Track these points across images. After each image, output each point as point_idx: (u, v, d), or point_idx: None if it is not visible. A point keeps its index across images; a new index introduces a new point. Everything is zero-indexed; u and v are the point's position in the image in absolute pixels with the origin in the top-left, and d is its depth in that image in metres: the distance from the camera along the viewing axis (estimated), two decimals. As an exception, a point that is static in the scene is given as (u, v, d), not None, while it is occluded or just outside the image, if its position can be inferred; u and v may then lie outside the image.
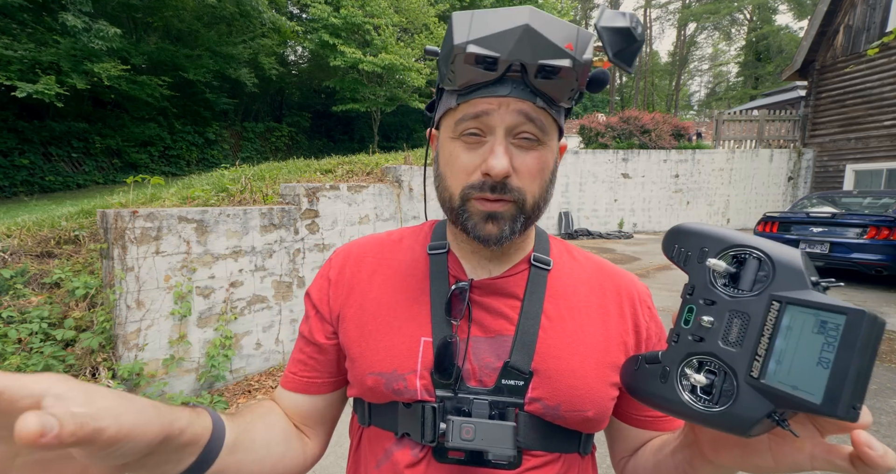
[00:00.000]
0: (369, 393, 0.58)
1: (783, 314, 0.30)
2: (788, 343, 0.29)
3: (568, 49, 0.48)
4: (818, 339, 0.28)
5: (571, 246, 0.69)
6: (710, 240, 0.35)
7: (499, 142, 0.51)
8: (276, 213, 3.45)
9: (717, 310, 0.34)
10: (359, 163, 5.00)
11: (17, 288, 2.63)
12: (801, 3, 29.64)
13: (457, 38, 0.49)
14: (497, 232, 0.54)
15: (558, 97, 0.52)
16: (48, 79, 7.92)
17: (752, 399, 0.31)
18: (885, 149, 10.21)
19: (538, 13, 0.48)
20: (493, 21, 0.48)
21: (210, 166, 11.96)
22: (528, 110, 0.51)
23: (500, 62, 0.49)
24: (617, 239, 10.62)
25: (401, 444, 0.56)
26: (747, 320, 0.32)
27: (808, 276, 0.29)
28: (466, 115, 0.52)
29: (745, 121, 12.21)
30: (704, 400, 0.33)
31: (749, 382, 0.31)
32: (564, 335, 0.57)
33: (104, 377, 2.60)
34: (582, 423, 0.56)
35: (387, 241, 0.67)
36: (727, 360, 0.32)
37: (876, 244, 5.59)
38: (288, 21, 13.14)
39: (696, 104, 41.80)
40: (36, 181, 10.20)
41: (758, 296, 0.31)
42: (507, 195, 0.53)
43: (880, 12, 10.22)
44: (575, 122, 16.17)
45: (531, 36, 0.47)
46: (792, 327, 0.29)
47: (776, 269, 0.31)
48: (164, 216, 2.86)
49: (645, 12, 36.56)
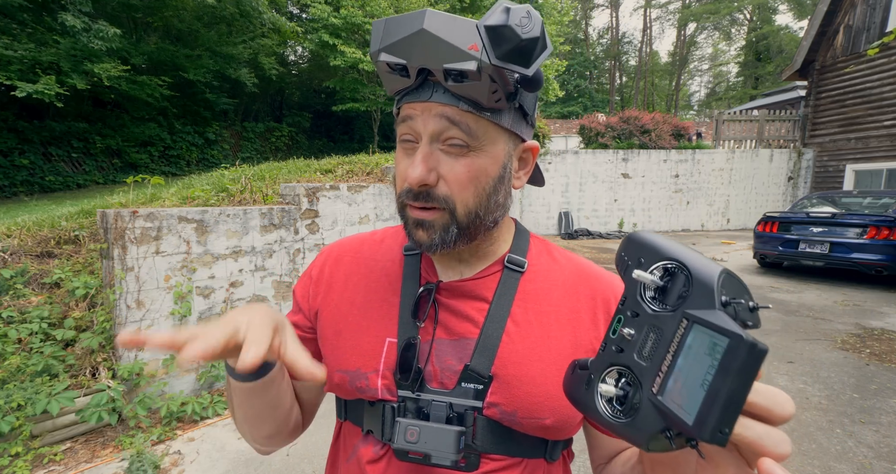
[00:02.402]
0: (337, 390, 0.60)
1: (688, 333, 0.29)
2: (687, 362, 0.29)
3: (472, 50, 0.45)
4: (707, 361, 0.27)
5: (553, 246, 0.67)
6: (648, 251, 0.34)
7: (420, 150, 0.51)
8: (276, 213, 3.45)
9: (639, 323, 0.34)
10: (359, 163, 4.99)
11: (17, 288, 2.63)
12: (801, 3, 29.63)
13: (372, 45, 0.49)
14: (427, 239, 0.53)
15: (482, 100, 0.49)
16: (48, 79, 7.91)
17: (650, 415, 0.31)
18: (885, 149, 10.21)
19: (436, 16, 0.45)
20: (399, 27, 0.47)
21: (210, 166, 11.95)
22: (451, 114, 0.49)
23: (410, 68, 0.48)
24: (617, 239, 10.62)
25: (366, 441, 0.58)
26: (661, 335, 0.32)
27: (720, 296, 0.29)
28: (399, 120, 0.53)
29: (745, 121, 12.20)
30: (616, 411, 0.34)
31: (650, 398, 0.31)
32: (529, 340, 0.56)
33: (104, 377, 2.60)
34: (540, 430, 0.54)
35: (368, 241, 0.68)
36: (638, 374, 0.33)
37: (876, 244, 5.59)
38: (288, 21, 13.14)
39: (696, 104, 41.78)
40: (36, 181, 10.19)
41: (674, 312, 0.31)
42: (430, 203, 0.52)
43: (880, 12, 10.21)
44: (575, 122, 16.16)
45: (429, 40, 0.45)
46: (692, 346, 0.29)
47: (693, 286, 0.30)
48: (164, 216, 2.86)
49: (645, 12, 36.55)
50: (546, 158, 10.86)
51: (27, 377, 2.39)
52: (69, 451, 2.44)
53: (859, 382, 3.18)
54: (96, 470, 2.29)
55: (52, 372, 2.48)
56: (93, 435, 2.57)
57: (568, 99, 29.43)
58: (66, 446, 2.47)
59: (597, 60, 36.39)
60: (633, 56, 38.29)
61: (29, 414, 2.23)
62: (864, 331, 4.21)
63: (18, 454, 2.26)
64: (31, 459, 2.28)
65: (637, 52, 37.72)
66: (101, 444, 2.51)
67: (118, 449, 2.46)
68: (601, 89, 35.27)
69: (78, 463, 2.35)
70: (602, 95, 33.49)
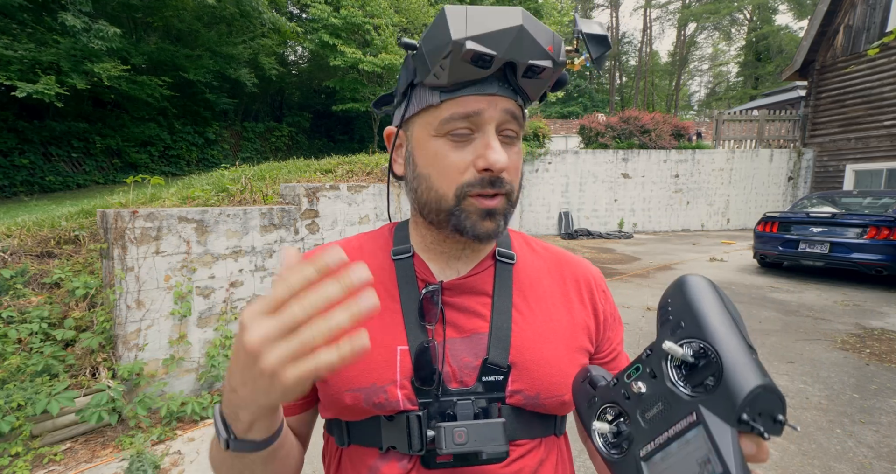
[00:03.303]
0: (348, 412, 0.56)
1: (692, 430, 0.30)
2: (679, 451, 0.30)
3: (549, 51, 0.51)
4: (696, 468, 0.29)
5: (528, 237, 0.71)
6: (691, 318, 0.32)
7: (493, 138, 0.52)
8: (276, 213, 3.45)
9: (654, 385, 0.34)
10: (359, 163, 5.00)
11: (17, 288, 2.63)
12: (801, 3, 29.62)
13: (454, 33, 0.48)
14: (494, 227, 0.55)
15: (534, 95, 0.55)
16: (48, 79, 7.91)
17: (632, 467, 0.33)
18: (885, 149, 10.21)
19: (528, 15, 0.50)
20: (489, 19, 0.48)
21: (210, 166, 11.95)
22: (513, 108, 0.53)
23: (496, 60, 0.49)
24: (617, 239, 10.62)
25: (386, 458, 0.55)
26: (668, 411, 0.32)
27: (741, 412, 0.28)
28: (456, 113, 0.52)
29: (745, 121, 12.21)
30: (607, 442, 0.36)
31: (636, 455, 0.33)
32: (536, 326, 0.59)
33: (104, 377, 2.60)
34: (559, 407, 0.58)
35: (346, 249, 0.65)
36: (633, 429, 0.34)
37: (876, 244, 5.59)
38: (288, 21, 13.14)
39: (696, 104, 41.78)
40: (36, 181, 10.19)
41: (690, 399, 0.31)
42: (501, 188, 0.54)
43: (880, 12, 10.21)
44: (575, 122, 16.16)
45: (524, 36, 0.49)
46: (689, 443, 0.30)
47: (718, 390, 0.29)
48: (164, 216, 2.86)
49: (645, 12, 36.54)
50: (546, 158, 10.86)
51: (27, 377, 2.39)
52: (69, 451, 2.44)
53: (859, 382, 3.18)
54: (96, 470, 2.29)
55: (52, 372, 2.48)
56: (93, 435, 2.58)
57: (568, 99, 29.43)
58: (66, 446, 2.47)
59: (597, 60, 36.27)
60: (633, 56, 38.30)
61: (29, 414, 2.23)
62: (864, 331, 4.21)
63: (18, 454, 2.27)
64: (31, 459, 2.28)
65: (637, 52, 37.74)
66: (101, 444, 2.51)
67: (118, 449, 2.46)
68: (601, 89, 35.27)
69: (78, 463, 2.35)
70: (602, 95, 33.48)
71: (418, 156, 0.56)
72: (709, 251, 8.84)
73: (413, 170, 0.57)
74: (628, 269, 6.99)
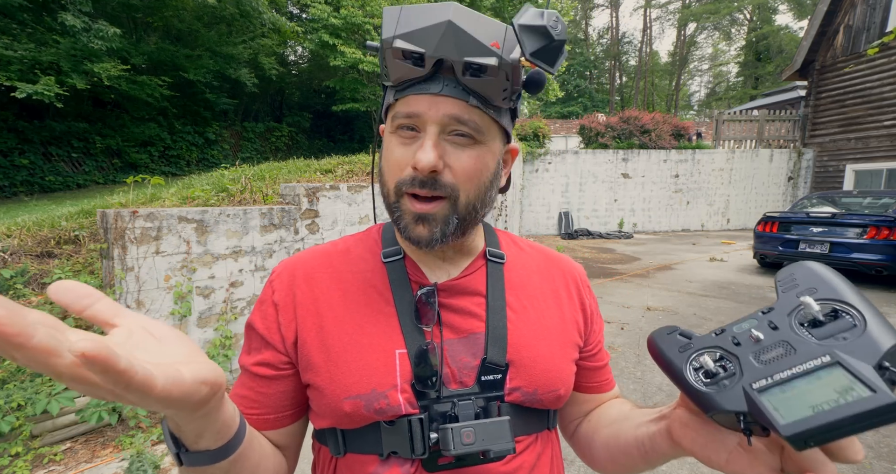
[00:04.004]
0: (346, 420, 0.54)
1: (826, 368, 0.32)
2: (808, 385, 0.32)
3: (494, 47, 0.47)
4: (833, 395, 0.30)
5: (515, 236, 0.71)
6: (827, 286, 0.36)
7: (429, 137, 0.50)
8: (276, 213, 3.46)
9: (774, 334, 0.36)
10: (359, 163, 4.99)
11: (17, 288, 2.63)
12: (801, 3, 29.63)
13: (385, 32, 0.48)
14: (427, 234, 0.53)
15: (492, 96, 0.50)
16: (48, 79, 7.91)
17: (737, 398, 0.34)
18: (885, 149, 10.21)
19: (463, 10, 0.47)
20: (419, 16, 0.47)
21: (210, 166, 11.95)
22: (461, 108, 0.50)
23: (427, 58, 0.48)
24: (617, 239, 10.62)
25: (387, 464, 0.54)
26: (791, 354, 0.34)
27: (882, 359, 0.31)
28: (399, 111, 0.52)
29: (745, 121, 12.21)
30: (699, 379, 0.37)
31: (744, 386, 0.34)
32: (530, 323, 0.60)
33: (104, 377, 2.60)
34: (555, 401, 0.59)
35: (333, 253, 0.63)
36: (744, 366, 0.36)
37: (876, 244, 5.59)
38: (288, 21, 13.14)
39: (696, 104, 41.78)
40: (36, 181, 10.19)
41: (821, 345, 0.33)
42: (437, 191, 0.51)
43: (880, 12, 10.21)
44: (575, 122, 16.16)
45: (455, 32, 0.46)
46: (822, 379, 0.32)
47: (860, 339, 0.32)
48: (164, 216, 2.86)
49: (645, 12, 36.55)
50: (546, 158, 10.86)
51: (27, 377, 2.39)
52: (69, 451, 2.44)
53: (859, 382, 3.18)
54: (96, 470, 2.29)
55: (52, 372, 2.48)
56: (93, 435, 2.58)
57: (568, 99, 29.43)
58: (66, 446, 2.47)
59: (597, 60, 36.38)
60: (633, 56, 38.29)
61: (29, 414, 2.23)
62: (864, 331, 4.21)
63: (18, 454, 2.27)
64: (31, 459, 2.28)
65: (637, 52, 37.74)
66: (101, 444, 2.51)
67: (118, 449, 2.46)
68: (601, 89, 35.28)
69: (78, 463, 2.35)
70: (602, 95, 33.49)
71: (383, 151, 0.58)
72: (709, 251, 8.84)
73: (380, 163, 0.59)
74: (628, 269, 6.99)
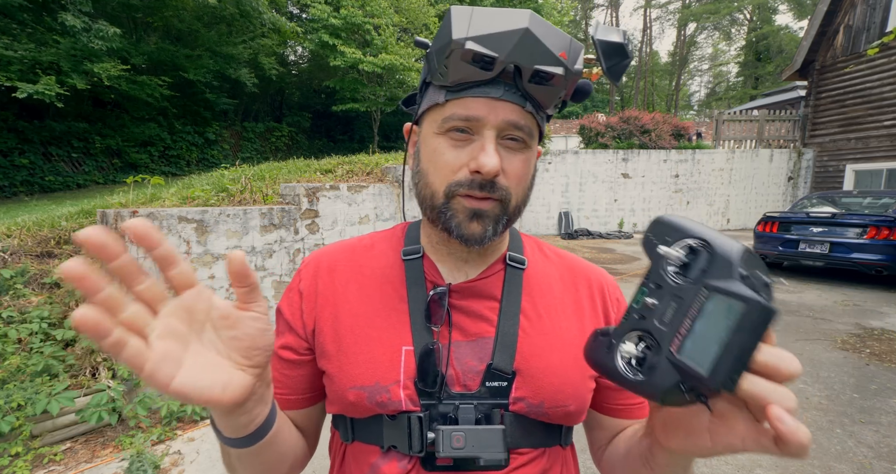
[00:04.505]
0: (351, 409, 0.56)
1: (708, 301, 0.33)
2: (705, 325, 0.33)
3: (562, 57, 0.48)
4: (724, 322, 0.31)
5: (542, 242, 0.70)
6: (674, 230, 0.38)
7: (489, 141, 0.51)
8: (276, 213, 3.46)
9: (661, 294, 0.37)
10: (359, 163, 4.99)
11: (17, 288, 2.63)
12: (801, 3, 29.62)
13: (455, 32, 0.48)
14: (481, 231, 0.53)
15: (546, 103, 0.52)
16: (48, 79, 7.92)
17: (667, 371, 0.35)
18: (885, 149, 10.21)
19: (538, 19, 0.48)
20: (494, 20, 0.48)
21: (210, 166, 11.95)
22: (518, 115, 0.51)
23: (498, 62, 0.48)
24: (617, 239, 10.62)
25: (387, 458, 0.55)
26: (681, 304, 0.35)
27: (738, 269, 0.32)
28: (456, 113, 0.51)
29: (745, 121, 12.20)
30: (635, 370, 0.37)
31: (668, 357, 0.35)
32: (543, 332, 0.58)
33: (104, 377, 2.60)
34: (564, 417, 0.57)
35: (358, 248, 0.65)
36: (658, 337, 0.36)
37: (876, 244, 5.59)
38: (288, 21, 13.14)
39: (696, 104, 41.78)
40: (36, 181, 10.19)
41: (694, 284, 0.35)
42: (494, 194, 0.52)
43: (880, 12, 10.21)
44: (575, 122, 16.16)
45: (530, 40, 0.47)
46: (711, 312, 0.33)
47: (715, 261, 0.34)
48: (164, 216, 2.86)
49: (645, 12, 36.55)
50: (546, 158, 10.86)
51: (27, 377, 2.39)
52: (69, 451, 2.44)
53: (859, 382, 3.18)
54: (96, 470, 2.29)
55: (52, 373, 2.48)
56: (93, 435, 2.58)
57: (568, 99, 29.38)
58: (66, 446, 2.47)
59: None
60: (633, 56, 38.24)
61: (29, 414, 2.23)
62: (864, 331, 4.21)
63: (18, 454, 2.27)
64: (31, 459, 2.28)
65: (637, 52, 37.72)
66: (101, 444, 2.51)
67: (118, 449, 2.46)
68: (601, 89, 35.26)
69: (78, 463, 2.35)
70: (602, 95, 33.48)
71: (423, 151, 0.57)
72: (709, 251, 8.83)
73: (417, 165, 0.58)
74: (628, 269, 6.99)
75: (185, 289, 0.37)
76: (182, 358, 0.35)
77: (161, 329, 0.34)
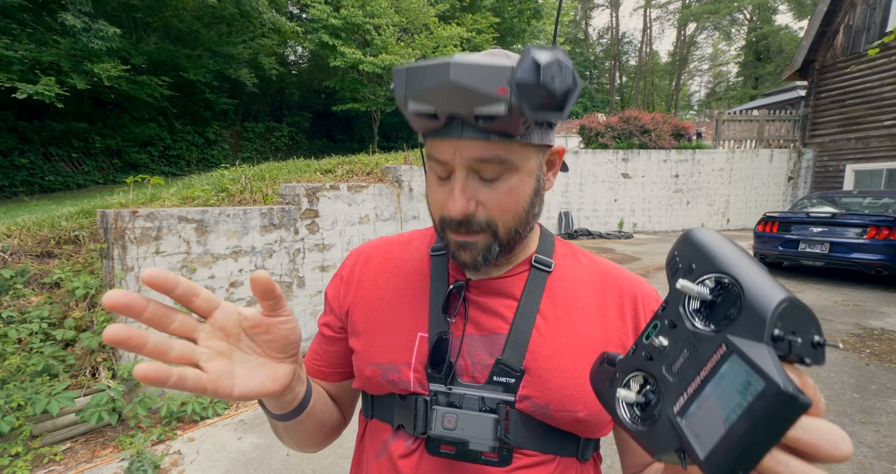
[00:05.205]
0: (368, 384, 0.61)
1: (724, 361, 0.27)
2: (716, 391, 0.27)
3: (501, 94, 0.45)
4: (737, 398, 0.25)
5: (578, 249, 0.69)
6: (702, 257, 0.31)
7: (456, 182, 0.52)
8: (276, 213, 3.45)
9: (675, 335, 0.31)
10: (359, 163, 4.99)
11: (17, 288, 2.63)
12: (801, 3, 29.62)
13: (397, 93, 0.50)
14: (471, 260, 0.55)
15: (514, 131, 0.49)
16: (48, 80, 7.92)
17: (667, 431, 0.30)
18: (885, 149, 10.20)
19: (461, 64, 0.45)
20: (423, 76, 0.47)
21: (210, 166, 11.96)
22: (482, 149, 0.50)
23: (440, 114, 0.48)
24: (617, 239, 10.62)
25: (396, 436, 0.59)
26: (695, 354, 0.29)
27: (771, 329, 0.25)
28: (431, 155, 0.54)
29: (745, 121, 12.20)
30: (635, 416, 0.33)
31: (669, 415, 0.30)
32: (559, 335, 0.58)
33: (104, 377, 2.60)
34: (573, 424, 0.55)
35: (396, 243, 0.71)
36: (662, 388, 0.31)
37: (876, 244, 5.58)
38: (288, 21, 13.15)
39: (696, 104, 41.77)
40: (36, 181, 10.20)
41: (716, 334, 0.28)
42: (473, 230, 0.53)
43: (880, 12, 10.21)
44: (575, 122, 16.17)
45: (456, 89, 0.45)
46: (725, 377, 0.27)
47: (743, 311, 0.27)
48: (164, 216, 2.86)
49: (645, 12, 36.55)
50: (546, 158, 10.85)
51: (27, 377, 2.39)
52: (69, 451, 2.44)
53: (859, 382, 3.18)
54: (96, 470, 2.29)
55: (52, 373, 2.48)
56: (93, 435, 2.58)
57: (568, 99, 29.37)
58: (66, 446, 2.47)
59: (597, 60, 36.39)
60: (633, 56, 38.29)
61: (29, 414, 2.23)
62: (864, 331, 4.21)
63: (18, 454, 2.27)
64: (31, 459, 2.28)
65: (637, 52, 37.73)
66: (101, 444, 2.51)
67: (118, 449, 2.46)
68: (601, 89, 35.28)
69: (78, 463, 2.35)
70: (602, 95, 33.47)
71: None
72: (709, 251, 8.83)
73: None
74: (628, 269, 7.00)
75: (212, 312, 0.41)
76: (233, 370, 0.41)
77: (207, 353, 0.40)
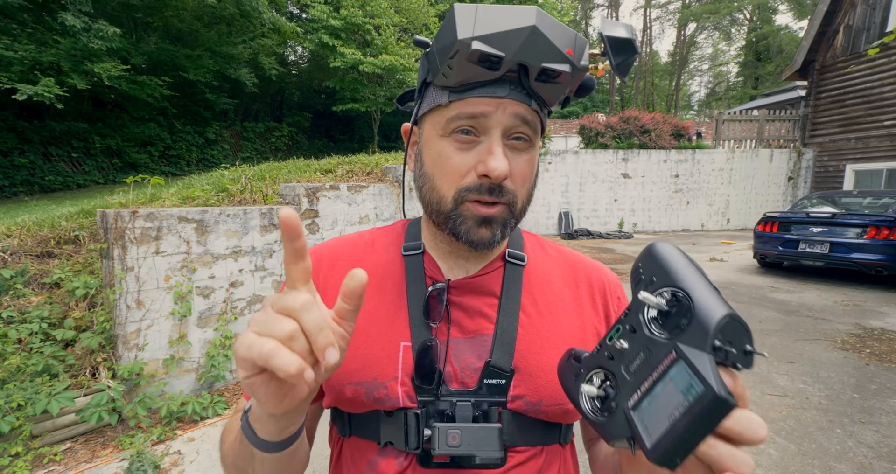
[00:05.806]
0: (348, 404, 0.56)
1: (673, 366, 0.31)
2: (665, 391, 0.32)
3: (568, 54, 0.47)
4: (680, 398, 0.30)
5: (543, 239, 0.69)
6: (662, 271, 0.35)
7: (497, 144, 0.50)
8: (276, 213, 3.45)
9: (634, 339, 0.35)
10: (359, 163, 5.00)
11: (17, 288, 2.63)
12: (801, 3, 29.62)
13: (460, 32, 0.46)
14: (489, 236, 0.53)
15: (552, 100, 0.52)
16: (48, 80, 7.91)
17: (622, 422, 0.34)
18: (885, 149, 10.21)
19: (544, 15, 0.47)
20: (500, 18, 0.46)
21: (210, 166, 11.95)
22: (524, 113, 0.50)
23: (504, 62, 0.47)
24: (617, 239, 10.62)
25: (384, 454, 0.55)
26: (650, 358, 0.34)
27: (713, 339, 0.30)
28: (461, 113, 0.50)
29: (745, 121, 12.21)
30: (595, 408, 0.37)
31: (624, 409, 0.34)
32: (543, 330, 0.57)
33: (104, 377, 2.60)
34: (563, 415, 0.56)
35: (359, 243, 0.65)
36: (620, 384, 0.36)
37: (876, 244, 5.59)
38: (288, 21, 13.15)
39: (696, 104, 41.78)
40: (36, 181, 10.19)
41: (668, 341, 0.33)
42: (502, 198, 0.52)
43: (880, 12, 10.21)
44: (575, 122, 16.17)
45: (537, 38, 0.46)
46: (673, 379, 0.31)
47: (692, 322, 0.31)
48: (164, 216, 2.86)
49: (645, 12, 36.55)
50: (546, 158, 10.86)
51: (27, 377, 2.39)
52: (69, 451, 2.44)
53: (859, 382, 3.18)
54: (96, 470, 2.29)
55: (52, 373, 2.48)
56: (93, 435, 2.58)
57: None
58: (66, 446, 2.47)
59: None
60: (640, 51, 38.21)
61: (29, 414, 2.23)
62: (864, 331, 4.21)
63: (18, 454, 2.27)
64: (31, 459, 2.28)
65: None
66: (101, 444, 2.51)
67: (118, 449, 2.46)
68: (601, 89, 35.25)
69: (78, 463, 2.35)
70: (602, 95, 33.47)
71: (425, 154, 0.56)
72: (709, 251, 8.84)
73: (420, 168, 0.57)
74: (628, 269, 6.99)
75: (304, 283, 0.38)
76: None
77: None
